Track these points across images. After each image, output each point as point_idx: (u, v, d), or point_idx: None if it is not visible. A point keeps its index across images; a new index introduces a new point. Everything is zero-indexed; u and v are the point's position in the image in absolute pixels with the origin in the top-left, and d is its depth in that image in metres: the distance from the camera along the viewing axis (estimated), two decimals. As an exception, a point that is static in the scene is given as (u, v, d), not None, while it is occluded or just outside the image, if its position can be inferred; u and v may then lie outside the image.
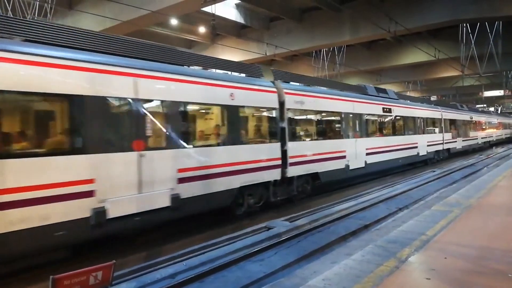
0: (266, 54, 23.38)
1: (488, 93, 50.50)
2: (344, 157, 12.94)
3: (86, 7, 17.83)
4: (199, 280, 5.50)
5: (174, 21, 21.88)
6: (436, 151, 21.94)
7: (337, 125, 13.27)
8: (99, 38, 7.05)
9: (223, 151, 8.59)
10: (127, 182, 6.59)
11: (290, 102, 10.70)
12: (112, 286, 4.78)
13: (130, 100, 6.86)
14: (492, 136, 38.97)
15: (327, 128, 12.96)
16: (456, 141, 25.21)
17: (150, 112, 7.17)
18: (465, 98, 54.52)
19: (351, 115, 13.67)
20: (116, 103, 6.79)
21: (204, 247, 6.93)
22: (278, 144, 10.26)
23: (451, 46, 26.91)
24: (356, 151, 13.62)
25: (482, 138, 33.27)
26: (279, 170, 10.19)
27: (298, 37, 24.13)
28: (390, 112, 16.66)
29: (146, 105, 7.12)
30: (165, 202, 7.15)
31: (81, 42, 6.71)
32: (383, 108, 16.12)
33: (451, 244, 5.30)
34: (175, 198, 7.30)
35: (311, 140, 11.99)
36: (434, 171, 17.61)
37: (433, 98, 48.15)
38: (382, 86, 29.03)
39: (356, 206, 10.18)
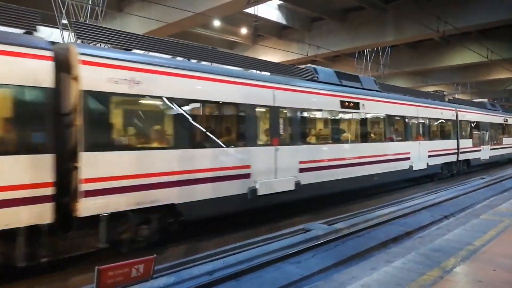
0: (307, 55, 23.18)
1: (545, 97, 47.14)
2: None
3: (134, 9, 18.53)
4: (236, 279, 5.55)
5: (216, 23, 22.23)
6: (446, 163, 16.82)
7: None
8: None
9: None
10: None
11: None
12: (152, 279, 4.94)
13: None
14: None
15: None
16: (480, 150, 20.05)
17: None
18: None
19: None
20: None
21: (240, 246, 6.99)
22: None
23: (505, 46, 25.35)
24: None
25: None
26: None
27: (340, 38, 23.71)
28: (356, 108, 11.81)
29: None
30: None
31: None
32: (342, 102, 11.26)
33: (500, 256, 5.01)
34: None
35: None
36: (483, 178, 16.72)
37: (484, 100, 45.51)
38: (429, 88, 27.76)
39: (397, 212, 9.87)
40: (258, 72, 9.71)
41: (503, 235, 6.05)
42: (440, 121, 16.61)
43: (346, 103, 11.41)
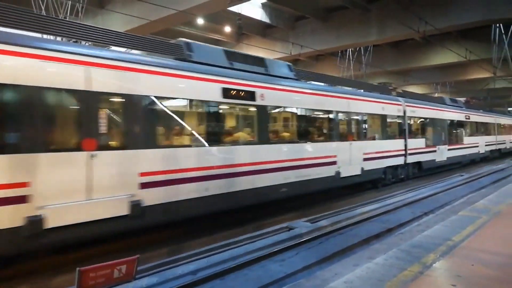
0: (291, 54, 23.26)
1: (521, 96, 48.53)
2: None
3: (116, 6, 18.24)
4: (220, 278, 5.55)
5: (200, 21, 22.09)
6: (391, 167, 14.40)
7: None
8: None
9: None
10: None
11: None
12: (135, 280, 4.89)
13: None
14: (505, 142, 30.02)
15: None
16: (435, 151, 17.54)
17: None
18: (497, 101, 52.59)
19: None
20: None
21: (225, 245, 6.98)
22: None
23: (482, 46, 26.00)
24: None
25: (486, 144, 24.71)
26: None
27: (324, 37, 23.89)
28: (250, 98, 8.98)
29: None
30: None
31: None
32: (226, 90, 8.41)
33: (478, 251, 5.14)
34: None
35: None
36: (462, 175, 17.12)
37: (462, 100, 46.44)
38: (410, 87, 28.19)
39: (379, 209, 10.02)
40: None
41: (480, 230, 6.21)
42: (381, 117, 13.96)
43: (234, 92, 8.51)
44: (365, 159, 12.65)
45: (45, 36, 6.93)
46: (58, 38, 7.61)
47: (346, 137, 12.08)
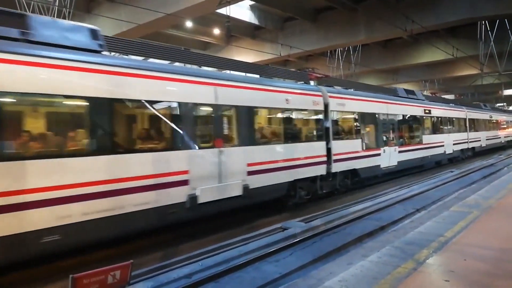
0: (280, 55, 23.34)
1: (508, 92, 49.26)
2: None
3: (103, 11, 18.13)
4: (215, 280, 5.53)
5: (189, 23, 22.06)
6: (303, 180, 10.64)
7: None
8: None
9: None
10: None
11: None
12: (129, 285, 4.85)
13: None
14: (479, 140, 25.79)
15: None
16: (379, 154, 14.10)
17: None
18: (484, 97, 53.33)
19: None
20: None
21: (219, 247, 6.97)
22: None
23: (469, 44, 26.37)
24: None
25: (455, 143, 21.32)
26: None
27: (313, 37, 24.02)
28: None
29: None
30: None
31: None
32: None
33: (470, 246, 5.20)
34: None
35: None
36: (452, 171, 17.29)
37: (451, 97, 47.09)
38: (399, 85, 28.48)
39: (372, 207, 10.09)
40: None
41: (472, 225, 6.28)
42: (282, 112, 10.35)
43: None
44: (250, 173, 8.88)
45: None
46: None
47: (211, 141, 8.24)
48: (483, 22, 24.58)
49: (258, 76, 10.46)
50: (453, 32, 26.97)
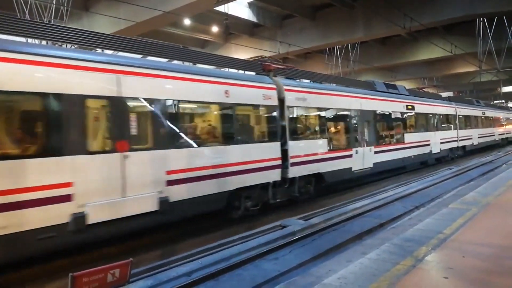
0: (279, 52, 23.31)
1: (506, 89, 49.35)
2: None
3: (101, 9, 18.07)
4: (214, 278, 5.54)
5: (187, 21, 22.00)
6: (247, 188, 9.11)
7: None
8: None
9: None
10: None
11: None
12: (129, 284, 4.86)
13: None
14: (470, 137, 24.15)
15: None
16: (350, 156, 12.66)
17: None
18: (483, 94, 53.42)
19: None
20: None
21: (219, 245, 6.97)
22: None
23: (468, 41, 26.35)
24: None
25: (443, 141, 19.80)
26: None
27: (311, 35, 23.99)
28: None
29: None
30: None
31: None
32: None
33: (469, 243, 5.22)
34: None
35: None
36: (451, 169, 17.33)
37: (449, 94, 47.08)
38: (397, 83, 28.46)
39: (371, 204, 10.10)
40: None
41: (470, 223, 6.31)
42: (220, 108, 8.65)
43: None
44: (171, 182, 7.30)
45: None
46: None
47: (110, 144, 6.65)
48: (481, 19, 24.56)
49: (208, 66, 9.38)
50: (451, 29, 26.96)
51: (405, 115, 16.56)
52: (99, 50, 7.60)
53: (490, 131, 29.38)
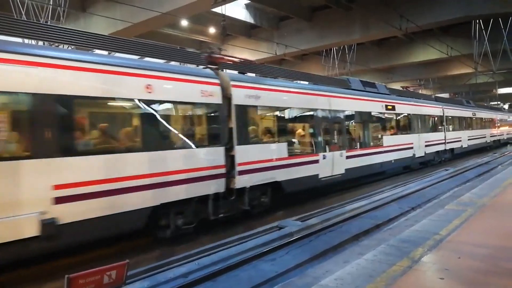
0: (276, 54, 23.35)
1: (502, 90, 49.61)
2: None
3: (98, 10, 18.04)
4: (212, 279, 5.54)
5: (184, 22, 22.01)
6: (175, 203, 7.53)
7: None
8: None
9: None
10: None
11: None
12: (125, 285, 4.85)
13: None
14: (460, 140, 23.03)
15: None
16: (317, 161, 11.26)
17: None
18: (479, 96, 53.68)
19: None
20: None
21: (216, 246, 6.97)
22: None
23: (463, 43, 26.51)
24: None
25: (428, 144, 18.46)
26: None
27: (308, 36, 24.06)
28: None
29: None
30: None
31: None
32: None
33: (465, 244, 5.24)
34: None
35: None
36: (447, 170, 17.40)
37: (446, 95, 47.22)
38: (394, 84, 28.49)
39: (368, 205, 10.13)
40: None
41: (466, 223, 6.33)
42: (140, 107, 7.13)
43: None
44: (61, 200, 5.81)
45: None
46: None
47: None
48: (477, 21, 24.72)
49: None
50: (447, 31, 27.11)
51: (384, 116, 15.43)
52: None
53: (481, 132, 28.30)
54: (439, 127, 20.62)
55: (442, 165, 19.88)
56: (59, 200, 5.72)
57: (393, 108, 15.87)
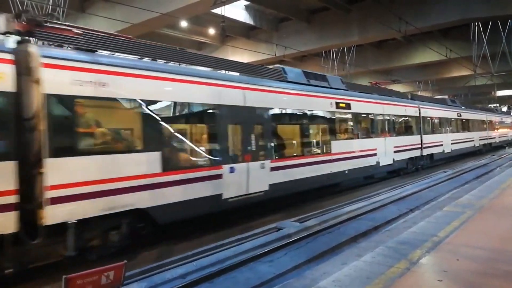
0: (275, 55, 23.38)
1: (501, 93, 49.70)
2: None
3: (98, 10, 18.05)
4: (209, 281, 5.53)
5: (184, 23, 22.04)
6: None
7: None
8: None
9: None
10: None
11: None
12: (123, 286, 4.83)
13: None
14: (441, 144, 20.26)
15: None
16: (219, 177, 8.31)
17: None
18: (477, 98, 53.79)
19: None
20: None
21: (214, 247, 6.95)
22: None
23: (462, 45, 26.60)
24: None
25: (398, 150, 15.83)
26: None
27: (307, 38, 24.11)
28: None
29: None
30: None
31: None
32: None
33: (463, 246, 5.24)
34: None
35: None
36: (445, 172, 17.40)
37: (444, 97, 47.18)
38: (393, 86, 28.44)
39: (366, 207, 10.12)
40: None
41: (465, 225, 6.34)
42: None
43: None
44: None
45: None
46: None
47: None
48: (476, 23, 24.79)
49: None
50: (446, 33, 27.20)
51: (335, 116, 12.36)
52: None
53: (468, 135, 25.23)
54: (414, 130, 17.96)
55: (420, 173, 17.57)
56: None
57: (348, 106, 12.97)
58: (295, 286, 4.91)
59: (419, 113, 18.39)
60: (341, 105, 12.63)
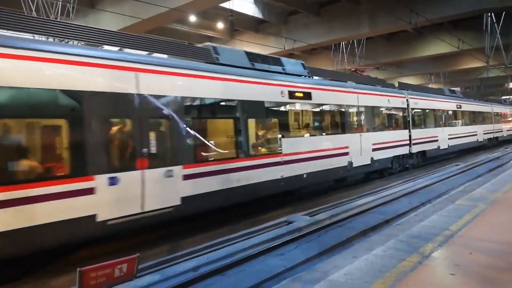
0: (284, 48, 23.27)
1: (514, 84, 48.82)
2: None
3: (107, 5, 18.13)
4: (221, 273, 5.58)
5: (192, 18, 22.03)
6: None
7: None
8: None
9: None
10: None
11: None
12: (136, 278, 4.90)
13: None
14: (436, 139, 17.97)
15: None
16: (89, 192, 5.96)
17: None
18: (490, 90, 52.92)
19: None
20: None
21: (225, 240, 7.01)
22: None
23: (475, 36, 26.13)
24: None
25: (378, 148, 13.52)
26: None
27: (317, 31, 23.92)
28: None
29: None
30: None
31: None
32: None
33: (476, 239, 5.19)
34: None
35: None
36: (458, 165, 17.22)
37: (457, 89, 46.48)
38: (404, 79, 28.13)
39: (377, 200, 10.08)
40: None
41: (477, 219, 6.27)
42: None
43: None
44: None
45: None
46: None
47: None
48: (489, 14, 24.31)
49: None
50: (458, 24, 26.73)
51: (286, 108, 10.36)
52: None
53: (470, 129, 22.80)
54: (401, 123, 15.69)
55: (410, 172, 15.73)
56: None
57: (308, 96, 10.71)
58: (305, 279, 4.92)
59: (407, 104, 16.01)
60: (297, 94, 10.35)
